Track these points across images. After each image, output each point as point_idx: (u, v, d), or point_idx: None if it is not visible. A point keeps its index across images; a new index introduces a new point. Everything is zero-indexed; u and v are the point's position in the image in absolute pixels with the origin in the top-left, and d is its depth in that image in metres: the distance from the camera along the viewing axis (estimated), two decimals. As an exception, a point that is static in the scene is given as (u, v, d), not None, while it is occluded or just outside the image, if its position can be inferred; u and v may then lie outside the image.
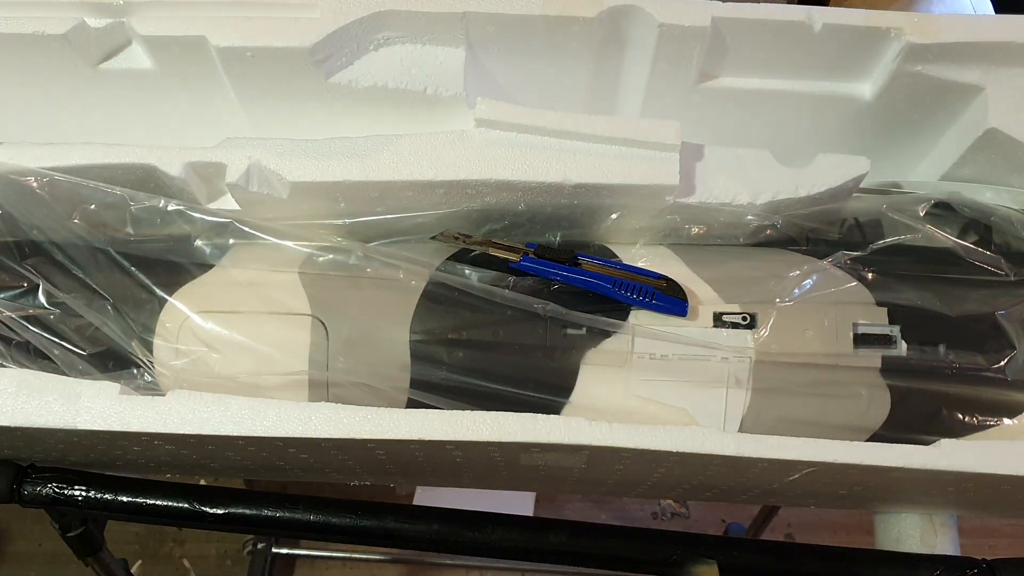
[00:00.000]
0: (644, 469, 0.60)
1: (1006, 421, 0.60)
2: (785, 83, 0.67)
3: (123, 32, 0.61)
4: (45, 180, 0.58)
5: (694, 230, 0.63)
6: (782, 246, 0.64)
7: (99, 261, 0.60)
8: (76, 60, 0.62)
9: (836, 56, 0.64)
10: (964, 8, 1.00)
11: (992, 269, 0.61)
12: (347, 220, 0.61)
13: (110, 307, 0.60)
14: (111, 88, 0.64)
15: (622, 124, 0.57)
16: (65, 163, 0.58)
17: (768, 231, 0.62)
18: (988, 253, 0.61)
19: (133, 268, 0.60)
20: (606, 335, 0.59)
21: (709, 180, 0.59)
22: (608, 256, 0.63)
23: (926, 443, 0.53)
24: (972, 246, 0.61)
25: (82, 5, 0.60)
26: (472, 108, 0.58)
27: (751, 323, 0.59)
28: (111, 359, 0.60)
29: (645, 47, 0.63)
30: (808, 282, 0.60)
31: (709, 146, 0.60)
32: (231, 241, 0.62)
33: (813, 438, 0.52)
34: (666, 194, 0.58)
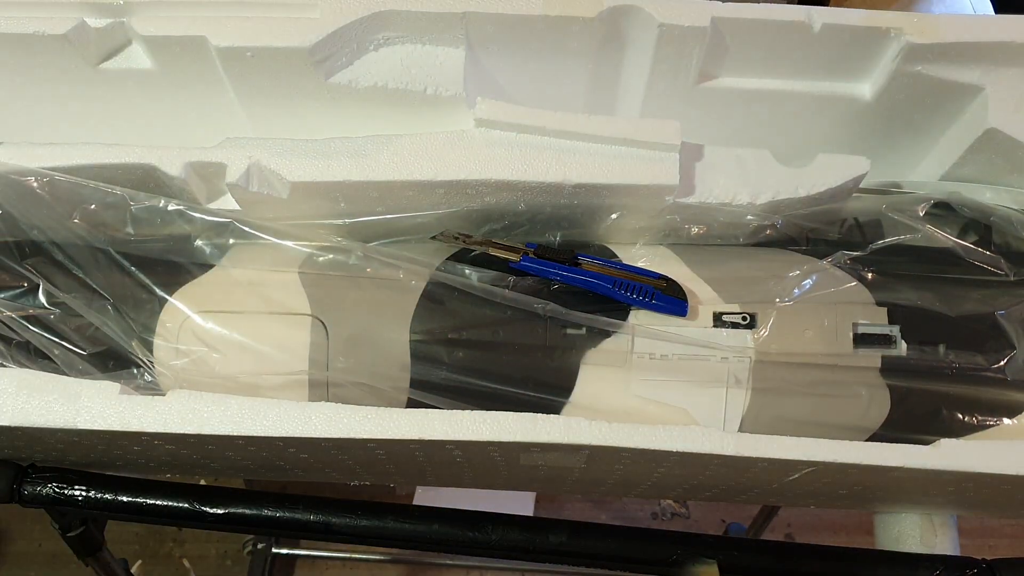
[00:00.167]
0: (644, 469, 0.60)
1: (1006, 421, 0.60)
2: (785, 83, 0.67)
3: (123, 32, 0.61)
4: (45, 180, 0.58)
5: (694, 230, 0.63)
6: (782, 246, 0.64)
7: (99, 261, 0.60)
8: (76, 60, 0.62)
9: (836, 56, 0.64)
10: (964, 8, 1.00)
11: (992, 269, 0.61)
12: (347, 220, 0.61)
13: (110, 307, 0.60)
14: (111, 88, 0.64)
15: (622, 124, 0.57)
16: (65, 163, 0.58)
17: (768, 231, 0.62)
18: (988, 253, 0.61)
19: (133, 268, 0.60)
20: (606, 335, 0.59)
21: (709, 180, 0.59)
22: (608, 256, 0.63)
23: (926, 443, 0.53)
24: (972, 246, 0.61)
25: (82, 5, 0.60)
26: (472, 108, 0.58)
27: (751, 323, 0.59)
28: (111, 359, 0.60)
29: (645, 47, 0.63)
30: (808, 282, 0.60)
31: (709, 146, 0.60)
32: (231, 241, 0.62)
33: (813, 438, 0.52)
34: (666, 194, 0.58)
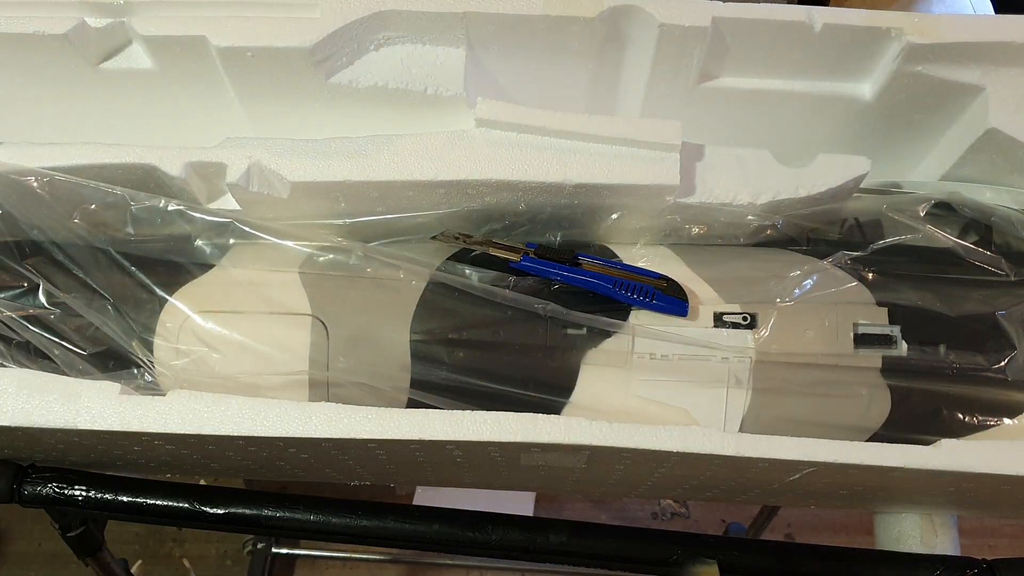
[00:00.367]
0: (644, 469, 0.60)
1: (1006, 421, 0.60)
2: (785, 83, 0.67)
3: (123, 32, 0.61)
4: (45, 180, 0.58)
5: (694, 230, 0.63)
6: (782, 246, 0.64)
7: (99, 261, 0.60)
8: (76, 60, 0.62)
9: (836, 56, 0.64)
10: (964, 8, 1.00)
11: (992, 269, 0.61)
12: (347, 220, 0.61)
13: (110, 307, 0.60)
14: (111, 88, 0.64)
15: (622, 124, 0.57)
16: (65, 163, 0.58)
17: (768, 231, 0.62)
18: (988, 253, 0.61)
19: (133, 268, 0.60)
20: (606, 335, 0.59)
21: (709, 180, 0.59)
22: (608, 256, 0.63)
23: (926, 443, 0.53)
24: (972, 246, 0.61)
25: (82, 5, 0.60)
26: (472, 108, 0.58)
27: (751, 323, 0.59)
28: (111, 359, 0.60)
29: (645, 47, 0.63)
30: (808, 282, 0.60)
31: (709, 146, 0.60)
32: (231, 241, 0.62)
33: (813, 438, 0.52)
34: (666, 194, 0.58)
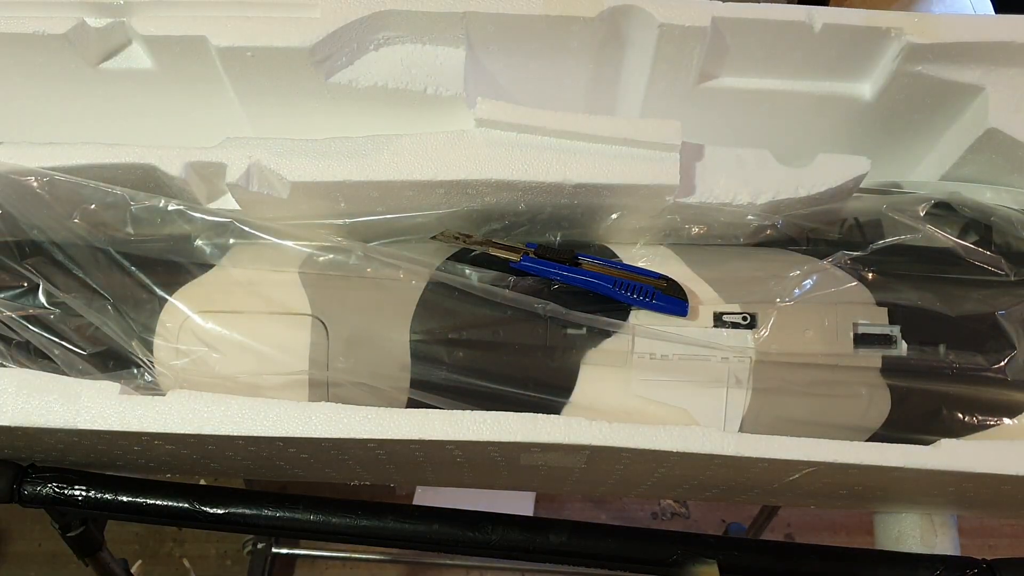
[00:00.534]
0: (644, 469, 0.60)
1: (1006, 421, 0.60)
2: (785, 83, 0.67)
3: (123, 32, 0.61)
4: (45, 180, 0.58)
5: (694, 230, 0.63)
6: (782, 246, 0.64)
7: (99, 261, 0.60)
8: (76, 60, 0.62)
9: (836, 56, 0.64)
10: (964, 8, 1.00)
11: (992, 269, 0.61)
12: (347, 220, 0.61)
13: (110, 307, 0.60)
14: (111, 88, 0.64)
15: (622, 124, 0.57)
16: (65, 163, 0.58)
17: (768, 231, 0.62)
18: (988, 253, 0.61)
19: (133, 268, 0.60)
20: (606, 335, 0.59)
21: (709, 180, 0.59)
22: (608, 256, 0.63)
23: (926, 443, 0.53)
24: (972, 246, 0.61)
25: (82, 5, 0.60)
26: (472, 108, 0.58)
27: (751, 323, 0.59)
28: (111, 359, 0.60)
29: (645, 47, 0.63)
30: (808, 282, 0.60)
31: (709, 146, 0.60)
32: (231, 241, 0.62)
33: (813, 438, 0.52)
34: (666, 194, 0.58)
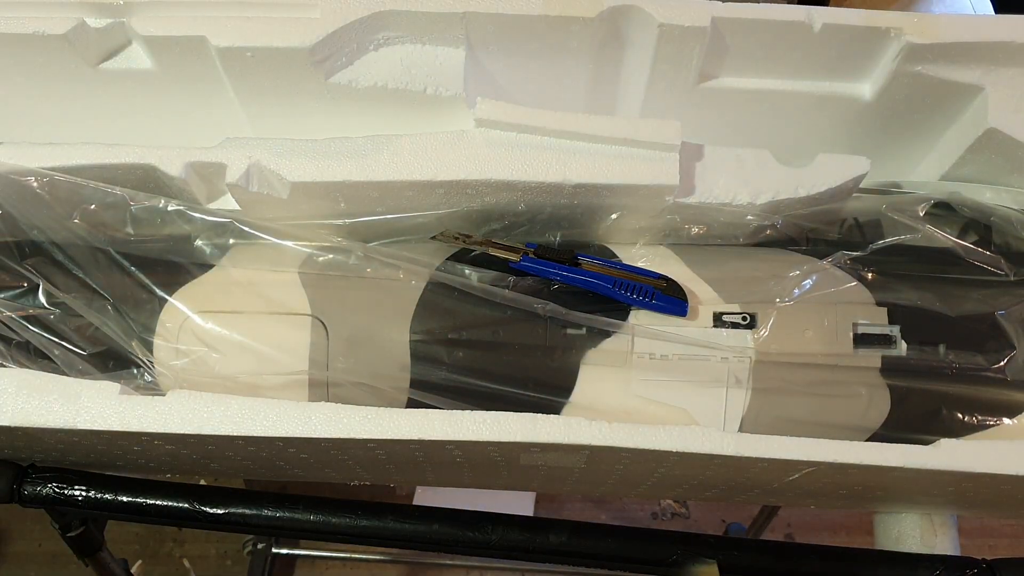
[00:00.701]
0: (644, 469, 0.60)
1: (1006, 421, 0.60)
2: (785, 83, 0.67)
3: (123, 32, 0.61)
4: (45, 180, 0.58)
5: (694, 230, 0.63)
6: (782, 246, 0.64)
7: (99, 261, 0.60)
8: (76, 60, 0.62)
9: (836, 56, 0.64)
10: (964, 8, 1.00)
11: (992, 269, 0.61)
12: (347, 220, 0.61)
13: (110, 307, 0.60)
14: (111, 88, 0.64)
15: (622, 124, 0.57)
16: (65, 163, 0.58)
17: (768, 231, 0.62)
18: (988, 253, 0.61)
19: (133, 268, 0.60)
20: (606, 335, 0.59)
21: (709, 180, 0.59)
22: (608, 256, 0.63)
23: (926, 443, 0.53)
24: (972, 246, 0.61)
25: (82, 5, 0.60)
26: (472, 108, 0.58)
27: (751, 323, 0.59)
28: (111, 359, 0.60)
29: (645, 47, 0.63)
30: (808, 282, 0.60)
31: (709, 146, 0.60)
32: (231, 241, 0.62)
33: (813, 438, 0.52)
34: (666, 194, 0.58)
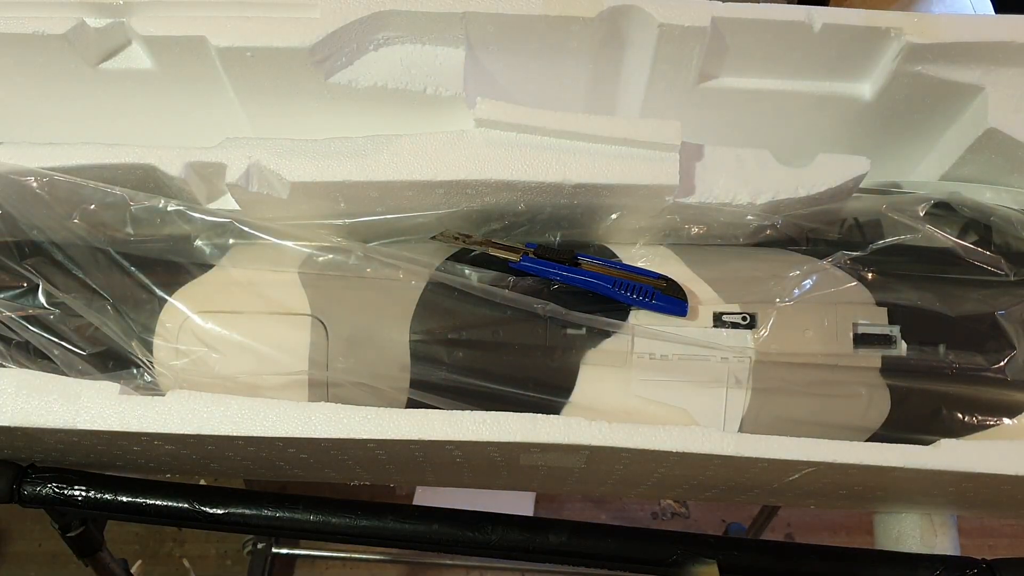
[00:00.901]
0: (644, 469, 0.60)
1: (1006, 421, 0.60)
2: (785, 83, 0.67)
3: (123, 32, 0.61)
4: (45, 180, 0.58)
5: (694, 230, 0.63)
6: (782, 246, 0.64)
7: (99, 261, 0.60)
8: (76, 60, 0.62)
9: (836, 56, 0.64)
10: (964, 8, 1.00)
11: (992, 269, 0.61)
12: (347, 220, 0.61)
13: (110, 307, 0.60)
14: (111, 88, 0.64)
15: (622, 124, 0.57)
16: (65, 163, 0.58)
17: (768, 231, 0.62)
18: (988, 253, 0.61)
19: (133, 268, 0.60)
20: (606, 335, 0.59)
21: (709, 180, 0.59)
22: (608, 256, 0.63)
23: (926, 443, 0.53)
24: (972, 246, 0.61)
25: (82, 5, 0.60)
26: (472, 108, 0.58)
27: (751, 323, 0.59)
28: (111, 359, 0.60)
29: (645, 47, 0.63)
30: (808, 282, 0.60)
31: (709, 146, 0.60)
32: (231, 241, 0.62)
33: (813, 438, 0.52)
34: (666, 194, 0.58)
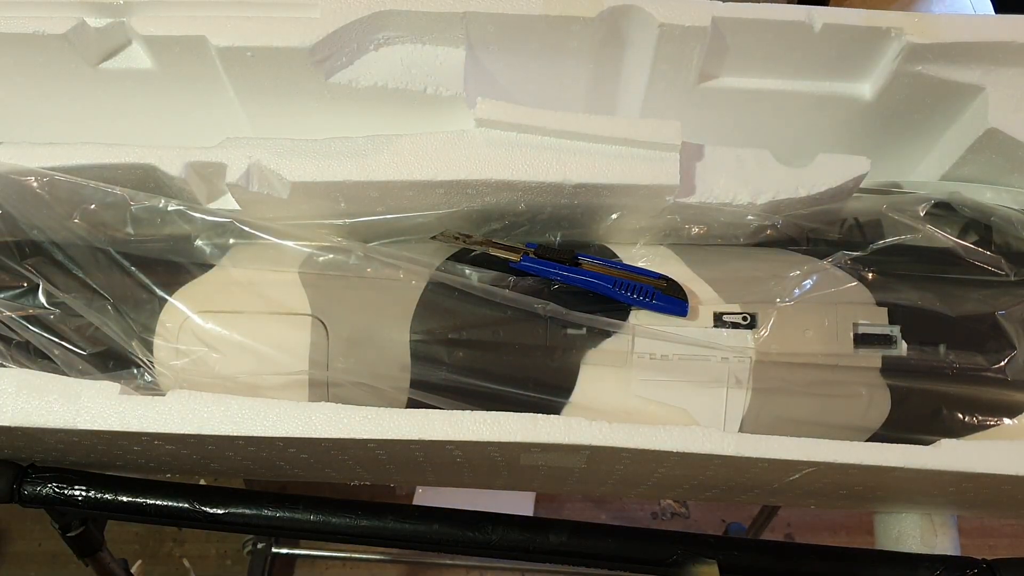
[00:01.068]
0: (644, 469, 0.60)
1: (1006, 421, 0.60)
2: (785, 83, 0.67)
3: (123, 32, 0.61)
4: (45, 180, 0.58)
5: (694, 230, 0.63)
6: (782, 246, 0.64)
7: (99, 261, 0.60)
8: (76, 60, 0.62)
9: (836, 56, 0.64)
10: (964, 8, 1.00)
11: (992, 269, 0.61)
12: (347, 220, 0.61)
13: (110, 307, 0.60)
14: (111, 88, 0.64)
15: (622, 124, 0.57)
16: (65, 163, 0.58)
17: (768, 231, 0.62)
18: (988, 253, 0.61)
19: (133, 268, 0.60)
20: (606, 335, 0.59)
21: (709, 180, 0.59)
22: (608, 256, 0.63)
23: (926, 443, 0.53)
24: (972, 246, 0.61)
25: (82, 5, 0.60)
26: (472, 108, 0.58)
27: (751, 323, 0.59)
28: (111, 359, 0.60)
29: (645, 47, 0.63)
30: (808, 282, 0.60)
31: (709, 146, 0.60)
32: (231, 241, 0.62)
33: (813, 438, 0.52)
34: (666, 194, 0.58)
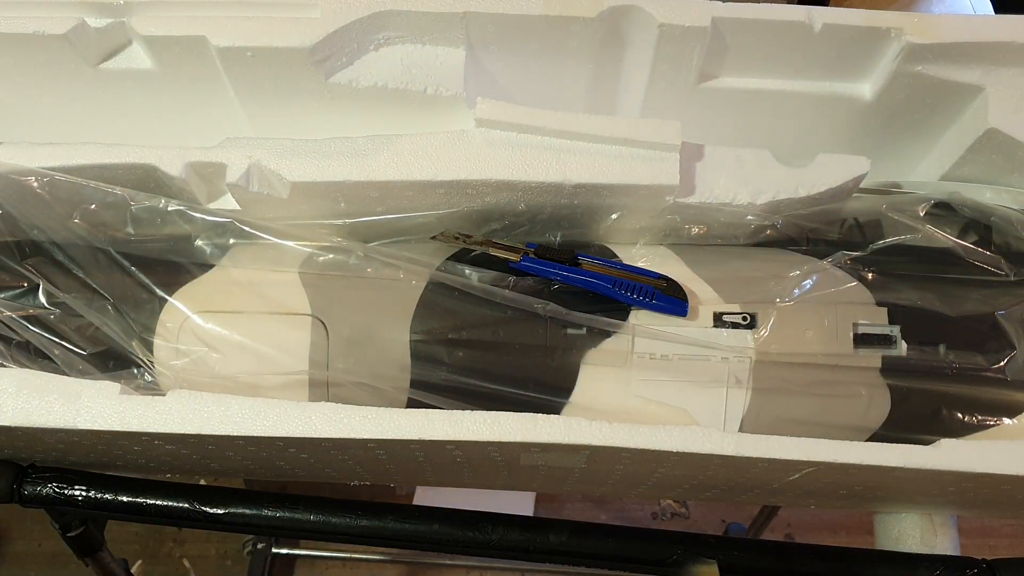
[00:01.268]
0: (644, 469, 0.60)
1: (1006, 421, 0.60)
2: (785, 83, 0.67)
3: (123, 32, 0.61)
4: (45, 180, 0.58)
5: (694, 230, 0.63)
6: (782, 246, 0.64)
7: (99, 261, 0.60)
8: (76, 60, 0.62)
9: (836, 56, 0.64)
10: (964, 8, 1.00)
11: (992, 269, 0.61)
12: (347, 220, 0.61)
13: (110, 307, 0.60)
14: (111, 88, 0.64)
15: (622, 124, 0.57)
16: (65, 163, 0.58)
17: (768, 231, 0.62)
18: (988, 253, 0.61)
19: (133, 268, 0.60)
20: (606, 335, 0.59)
21: (709, 180, 0.59)
22: (608, 256, 0.63)
23: (926, 443, 0.53)
24: (972, 246, 0.61)
25: (82, 5, 0.60)
26: (472, 108, 0.58)
27: (751, 323, 0.59)
28: (111, 359, 0.60)
29: (645, 47, 0.63)
30: (808, 282, 0.60)
31: (709, 146, 0.60)
32: (231, 241, 0.62)
33: (813, 438, 0.52)
34: (666, 194, 0.58)
